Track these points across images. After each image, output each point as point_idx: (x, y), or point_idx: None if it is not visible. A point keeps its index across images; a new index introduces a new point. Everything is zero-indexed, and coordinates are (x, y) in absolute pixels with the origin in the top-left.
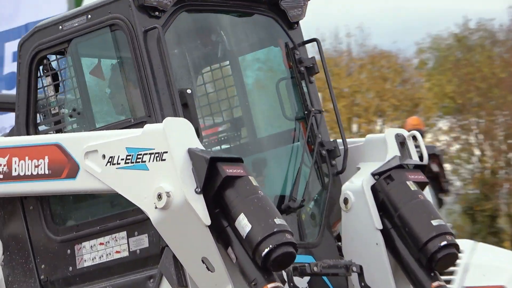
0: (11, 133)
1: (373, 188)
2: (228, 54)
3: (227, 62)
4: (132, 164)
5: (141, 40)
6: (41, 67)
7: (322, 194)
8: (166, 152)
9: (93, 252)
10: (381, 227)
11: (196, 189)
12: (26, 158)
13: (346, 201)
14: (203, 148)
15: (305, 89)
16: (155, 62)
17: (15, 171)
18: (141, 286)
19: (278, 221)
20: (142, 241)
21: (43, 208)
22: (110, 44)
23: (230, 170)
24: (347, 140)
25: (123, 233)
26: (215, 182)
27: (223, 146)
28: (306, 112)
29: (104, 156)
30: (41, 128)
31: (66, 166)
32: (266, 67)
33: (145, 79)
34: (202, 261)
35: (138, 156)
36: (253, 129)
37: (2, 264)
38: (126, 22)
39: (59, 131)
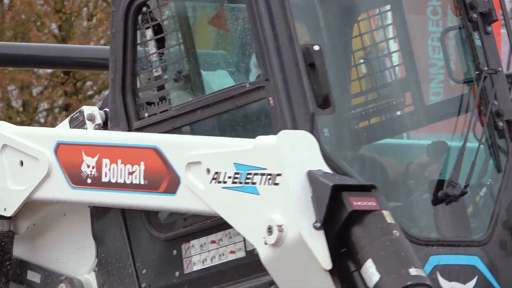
0: (105, 103)
1: None
2: None
3: (387, 7)
4: (240, 185)
5: None
6: (140, 17)
7: (497, 179)
8: (280, 174)
9: (203, 253)
10: None
11: (315, 224)
12: (119, 161)
13: None
14: (328, 171)
15: (477, 42)
16: (275, 9)
17: (105, 176)
18: None
19: (413, 271)
20: None
21: None
22: None
23: (358, 202)
24: None
25: None
26: (340, 217)
27: (372, 121)
28: (477, 72)
29: (208, 171)
30: (141, 95)
31: (165, 178)
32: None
33: (261, 31)
34: None
35: (248, 176)
36: (419, 96)
37: (95, 270)
38: None
39: (162, 99)
